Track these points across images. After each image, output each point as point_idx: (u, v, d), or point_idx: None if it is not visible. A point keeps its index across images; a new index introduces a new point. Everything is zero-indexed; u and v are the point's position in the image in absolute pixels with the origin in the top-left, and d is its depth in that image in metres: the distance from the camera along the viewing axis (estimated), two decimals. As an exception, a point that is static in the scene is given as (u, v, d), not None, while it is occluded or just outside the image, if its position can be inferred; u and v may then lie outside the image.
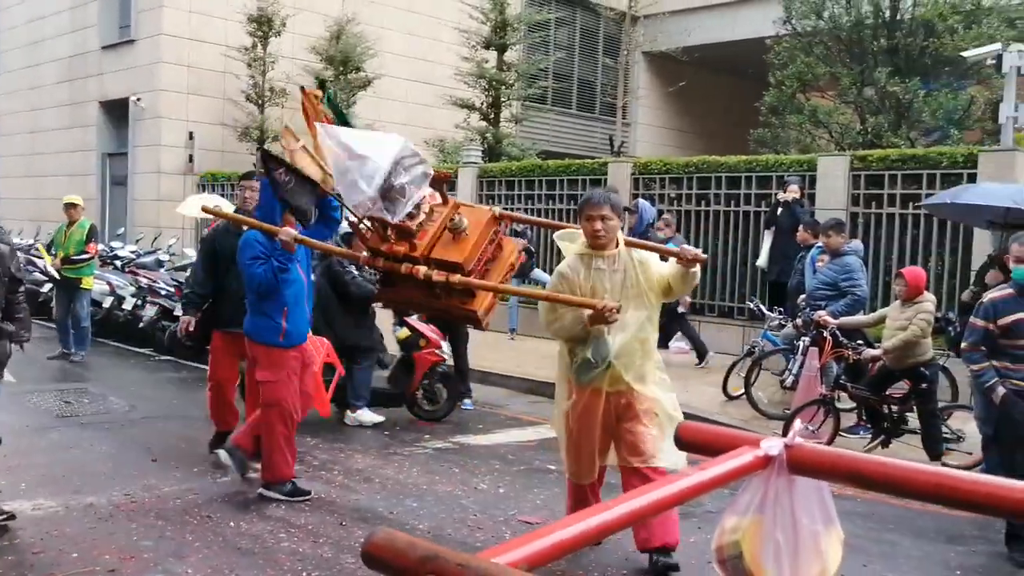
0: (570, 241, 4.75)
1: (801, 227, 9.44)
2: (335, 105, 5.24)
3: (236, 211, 6.64)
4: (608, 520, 1.31)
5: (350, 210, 4.69)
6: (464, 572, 1.09)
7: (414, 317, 8.02)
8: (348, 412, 7.84)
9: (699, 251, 4.43)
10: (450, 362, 8.35)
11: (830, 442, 6.97)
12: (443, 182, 4.88)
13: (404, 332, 8.04)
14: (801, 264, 9.21)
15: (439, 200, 4.75)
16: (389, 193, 4.36)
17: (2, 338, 5.08)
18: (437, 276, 4.51)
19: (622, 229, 15.29)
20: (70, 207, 10.55)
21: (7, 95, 23.13)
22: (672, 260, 4.58)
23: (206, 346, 6.85)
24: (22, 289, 5.18)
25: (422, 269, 4.56)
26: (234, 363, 6.60)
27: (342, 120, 5.10)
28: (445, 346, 8.12)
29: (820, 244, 8.74)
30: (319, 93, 5.03)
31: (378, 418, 7.83)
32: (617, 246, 4.58)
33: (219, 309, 6.54)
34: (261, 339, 5.59)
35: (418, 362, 7.94)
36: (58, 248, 10.55)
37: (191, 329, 6.65)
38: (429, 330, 8.02)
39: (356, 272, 7.58)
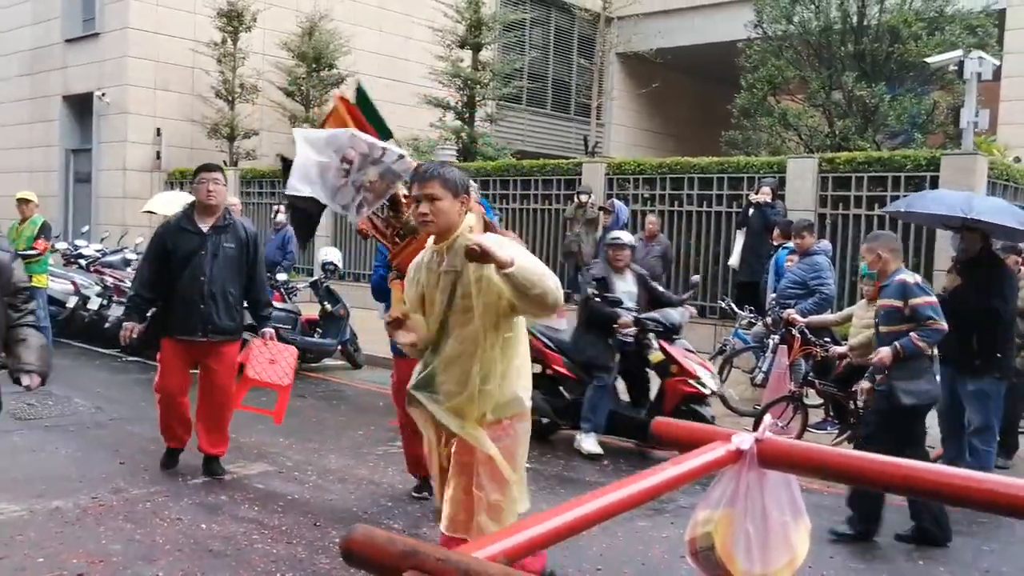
0: None
1: (777, 229, 9.58)
2: (365, 98, 5.24)
3: (194, 205, 6.03)
4: (584, 514, 1.33)
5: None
6: (444, 566, 1.10)
7: (679, 344, 7.32)
8: (577, 434, 7.24)
9: (476, 240, 3.08)
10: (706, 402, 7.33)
11: (799, 437, 7.05)
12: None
13: (657, 356, 7.24)
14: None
15: None
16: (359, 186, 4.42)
17: None
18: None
19: (583, 224, 15.03)
20: (23, 203, 10.28)
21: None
22: None
23: (155, 353, 6.24)
24: (29, 305, 4.23)
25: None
26: (185, 372, 6.03)
27: (372, 114, 5.07)
28: (708, 378, 7.20)
29: (789, 245, 8.86)
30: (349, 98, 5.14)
31: (596, 449, 7.01)
32: (452, 236, 3.43)
33: (168, 314, 5.91)
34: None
35: (668, 390, 7.20)
36: (9, 245, 10.33)
37: (135, 336, 5.88)
38: (683, 355, 7.22)
39: (596, 292, 7.13)
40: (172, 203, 12.40)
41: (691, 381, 7.07)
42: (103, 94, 18.68)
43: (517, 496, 3.45)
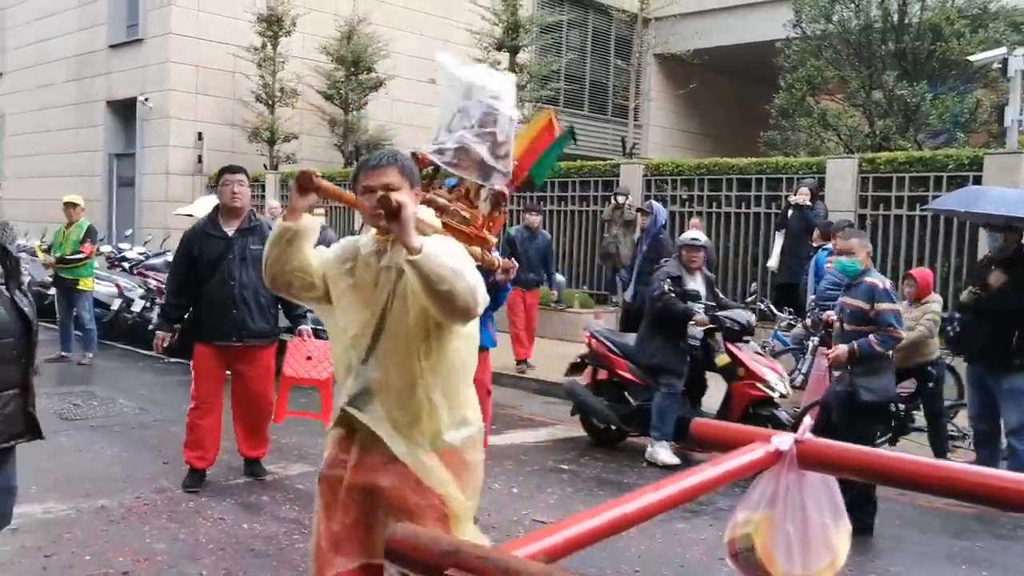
0: None
1: (816, 230, 9.52)
2: (564, 141, 4.58)
3: (218, 208, 5.93)
4: (624, 514, 1.34)
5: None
6: (484, 564, 1.11)
7: (748, 348, 7.11)
8: (649, 445, 7.01)
9: (399, 199, 2.57)
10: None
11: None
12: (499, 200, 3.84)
13: (724, 359, 7.03)
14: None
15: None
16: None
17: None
18: None
19: (621, 226, 14.88)
20: (69, 207, 10.42)
21: (13, 94, 23.17)
22: None
23: (188, 359, 6.15)
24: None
25: None
26: (221, 377, 5.95)
27: (550, 153, 4.43)
28: (777, 381, 6.91)
29: (828, 247, 8.80)
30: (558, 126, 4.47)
31: (673, 460, 6.83)
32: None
33: (200, 320, 5.82)
34: None
35: (735, 394, 7.01)
36: (56, 249, 10.51)
37: (166, 345, 5.90)
38: (751, 358, 7.00)
39: (672, 288, 6.89)
40: (210, 207, 12.53)
41: (759, 385, 6.85)
42: (146, 99, 18.93)
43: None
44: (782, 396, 7.00)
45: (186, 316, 6.00)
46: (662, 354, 6.92)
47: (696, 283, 7.14)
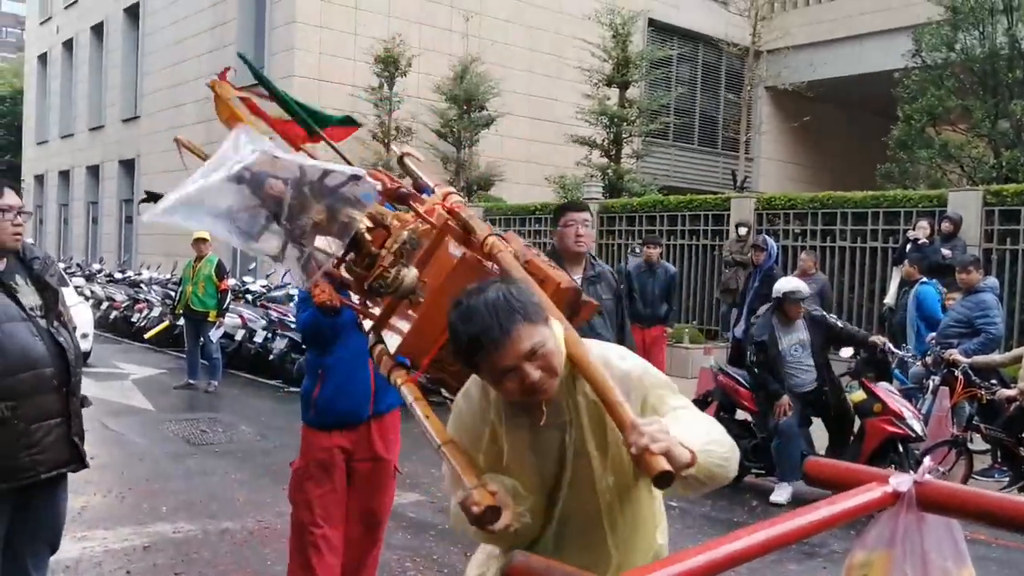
0: None
1: (907, 262, 9.30)
2: (263, 79, 3.19)
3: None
4: (737, 550, 1.35)
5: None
6: (600, 594, 1.16)
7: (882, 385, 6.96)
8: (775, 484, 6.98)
9: (662, 438, 1.77)
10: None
11: (963, 484, 6.71)
12: (400, 196, 2.74)
13: (859, 395, 6.86)
14: (904, 299, 9.13)
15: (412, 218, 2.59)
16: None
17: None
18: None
19: (739, 263, 14.62)
20: (199, 242, 10.92)
21: (148, 135, 24.44)
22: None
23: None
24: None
25: None
26: None
27: (280, 99, 2.95)
28: (913, 421, 6.64)
29: (927, 281, 8.66)
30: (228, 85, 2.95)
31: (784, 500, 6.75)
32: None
33: None
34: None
35: (869, 430, 6.76)
36: (187, 282, 11.07)
37: None
38: (888, 395, 6.80)
39: (759, 360, 6.92)
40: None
41: (896, 421, 6.60)
42: (271, 138, 19.62)
43: None
44: (918, 437, 6.66)
45: None
46: (766, 405, 6.97)
47: (794, 332, 6.94)
